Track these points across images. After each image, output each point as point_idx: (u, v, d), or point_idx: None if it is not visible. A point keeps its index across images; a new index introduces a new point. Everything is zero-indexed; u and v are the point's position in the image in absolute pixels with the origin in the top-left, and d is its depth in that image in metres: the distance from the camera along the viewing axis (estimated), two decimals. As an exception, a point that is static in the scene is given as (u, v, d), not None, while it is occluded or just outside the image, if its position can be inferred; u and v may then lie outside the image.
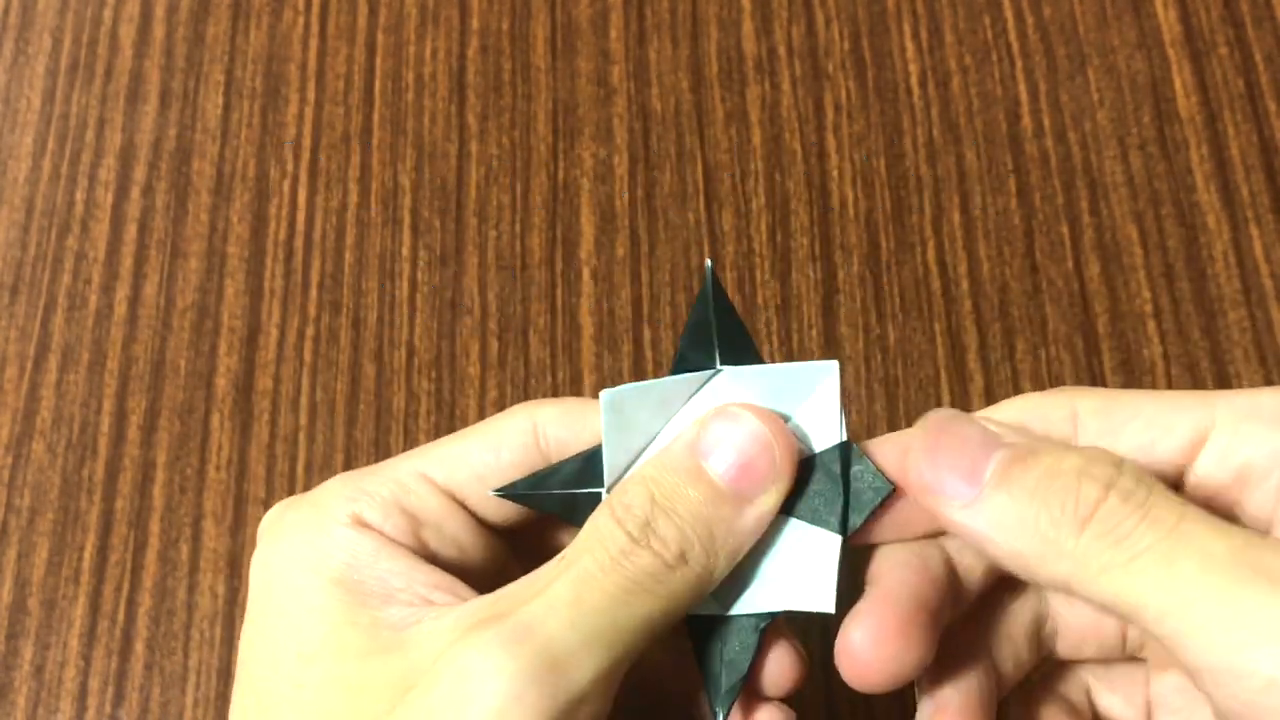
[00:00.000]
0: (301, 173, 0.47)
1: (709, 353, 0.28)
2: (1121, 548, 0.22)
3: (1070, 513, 0.23)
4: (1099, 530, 0.22)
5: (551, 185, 0.46)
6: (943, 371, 0.43)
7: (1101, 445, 0.25)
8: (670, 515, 0.25)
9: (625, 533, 0.25)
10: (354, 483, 0.28)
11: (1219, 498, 0.25)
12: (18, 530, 0.42)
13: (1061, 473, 0.23)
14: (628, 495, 0.25)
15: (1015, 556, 0.24)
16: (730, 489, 0.26)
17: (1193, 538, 0.22)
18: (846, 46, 0.48)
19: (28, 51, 0.50)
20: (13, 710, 0.40)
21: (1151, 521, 0.22)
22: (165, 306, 0.45)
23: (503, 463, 0.28)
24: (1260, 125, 0.46)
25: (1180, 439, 0.25)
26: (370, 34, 0.50)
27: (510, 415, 0.28)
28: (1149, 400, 0.26)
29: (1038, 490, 0.23)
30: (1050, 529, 0.23)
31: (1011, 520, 0.23)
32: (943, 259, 0.44)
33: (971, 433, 0.25)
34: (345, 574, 0.26)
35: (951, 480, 0.24)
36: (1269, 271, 0.43)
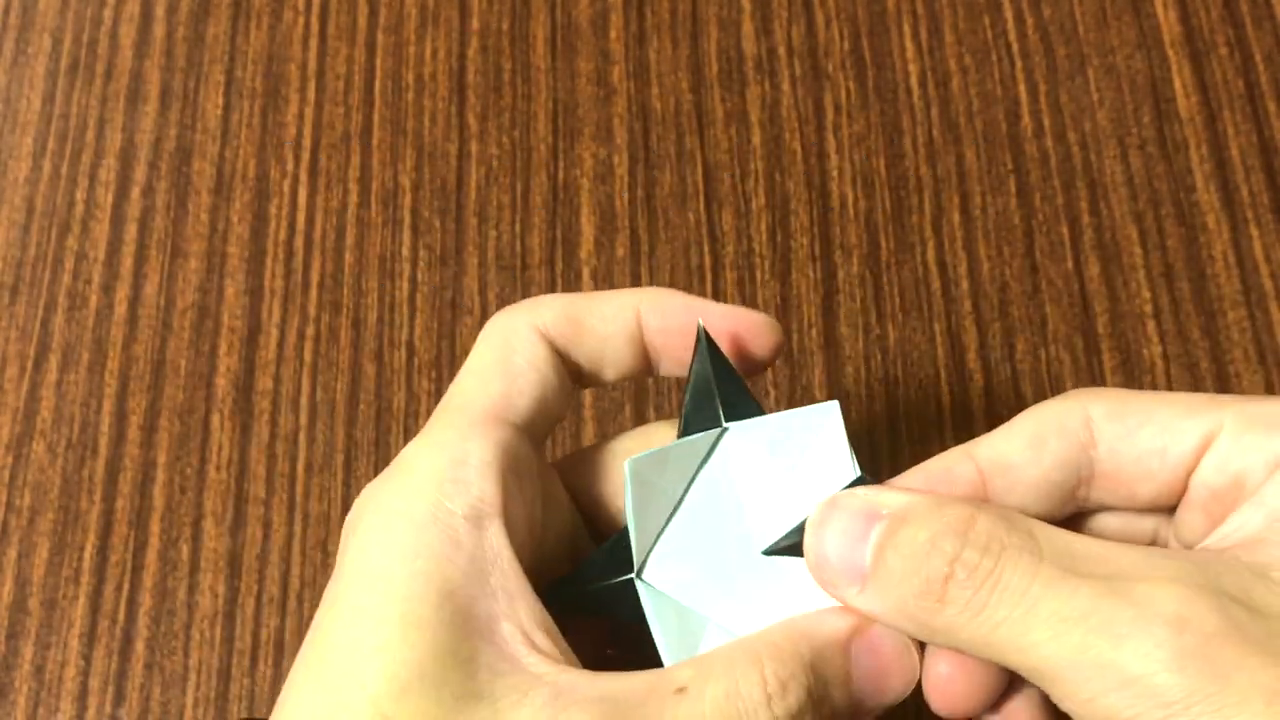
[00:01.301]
0: (301, 173, 0.47)
1: (713, 412, 0.28)
2: (979, 621, 0.23)
3: (927, 593, 0.24)
4: (954, 607, 0.24)
5: (551, 185, 0.46)
6: (943, 371, 0.43)
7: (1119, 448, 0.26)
8: (816, 712, 0.25)
9: (771, 715, 0.24)
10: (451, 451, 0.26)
11: (1216, 502, 0.26)
12: (18, 530, 0.42)
13: (916, 549, 0.24)
14: (785, 671, 0.25)
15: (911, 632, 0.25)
16: (859, 700, 0.26)
17: (1042, 606, 0.23)
18: (846, 46, 0.48)
19: (28, 51, 0.50)
20: (13, 710, 0.40)
21: (1004, 591, 0.23)
22: (165, 306, 0.45)
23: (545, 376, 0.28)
24: (1260, 125, 0.46)
25: (1189, 442, 0.26)
26: (370, 34, 0.50)
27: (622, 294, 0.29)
28: (1161, 404, 0.27)
29: (904, 571, 0.24)
30: (918, 609, 0.24)
31: (891, 604, 0.24)
32: (943, 259, 0.44)
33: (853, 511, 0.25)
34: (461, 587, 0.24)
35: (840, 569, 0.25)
36: (1269, 271, 0.44)
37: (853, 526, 0.25)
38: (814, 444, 0.28)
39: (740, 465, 0.28)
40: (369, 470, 0.42)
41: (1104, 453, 0.27)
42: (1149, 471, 0.26)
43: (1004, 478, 0.27)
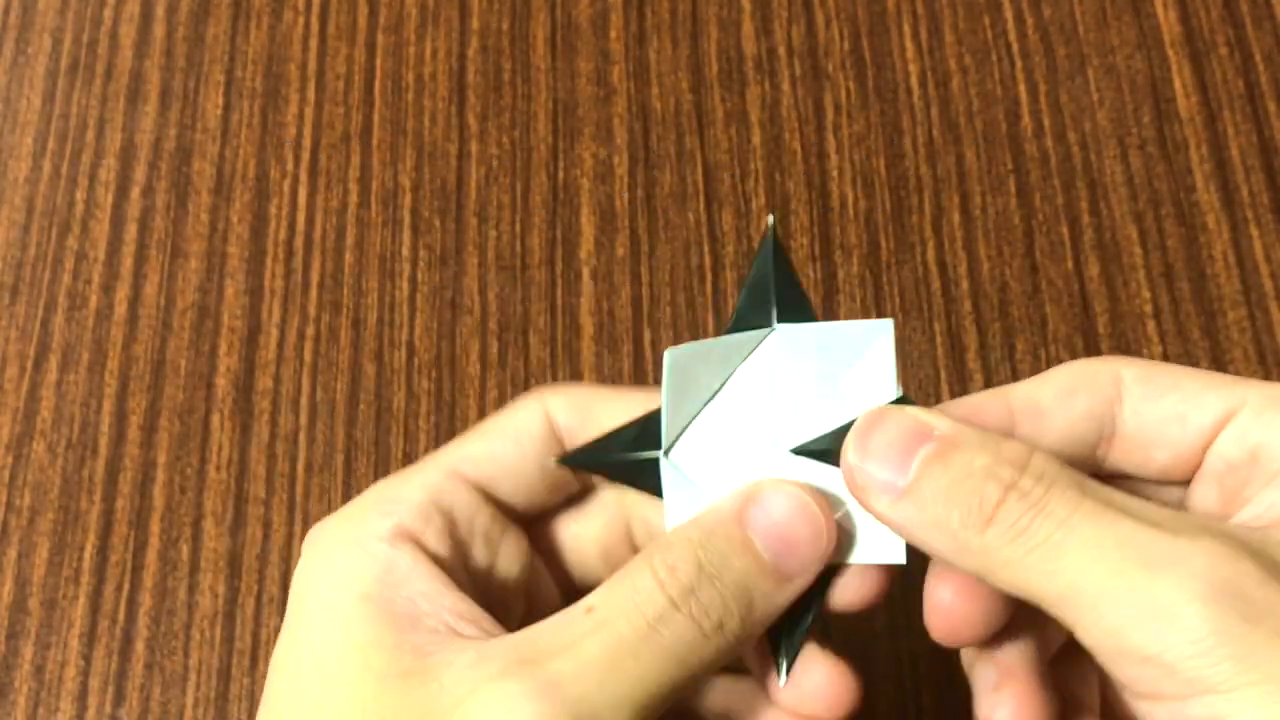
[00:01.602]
0: (301, 173, 0.47)
1: (766, 310, 0.28)
2: (1018, 543, 0.24)
3: (975, 512, 0.24)
4: (1000, 529, 0.24)
5: (551, 185, 0.46)
6: (943, 371, 0.43)
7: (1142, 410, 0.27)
8: (714, 583, 0.25)
9: (667, 597, 0.25)
10: (389, 490, 0.28)
11: (1232, 475, 0.26)
12: (18, 530, 0.42)
13: (972, 473, 0.24)
14: (672, 556, 0.26)
15: (936, 552, 0.25)
16: (773, 564, 0.26)
17: (1082, 530, 0.23)
18: (846, 46, 0.48)
19: (28, 51, 0.50)
20: (13, 710, 0.40)
21: (1046, 517, 0.24)
22: (165, 306, 0.45)
23: (526, 452, 0.29)
24: (1260, 125, 0.46)
25: (1210, 415, 0.27)
26: (370, 34, 0.50)
27: (524, 407, 0.29)
28: (1189, 376, 0.27)
29: (950, 490, 0.24)
30: (960, 528, 0.24)
31: (929, 518, 0.25)
32: (943, 259, 0.44)
33: (900, 427, 0.26)
34: (376, 590, 0.26)
35: (880, 476, 0.25)
36: (1269, 271, 0.44)
37: (900, 439, 0.25)
38: (861, 357, 0.28)
39: (783, 366, 0.28)
40: (369, 470, 0.42)
41: (1128, 413, 0.27)
42: (1167, 438, 0.27)
43: (1032, 422, 0.27)
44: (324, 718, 0.25)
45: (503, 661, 0.24)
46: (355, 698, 0.25)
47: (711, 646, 0.25)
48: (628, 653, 0.24)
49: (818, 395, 0.28)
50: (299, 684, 0.26)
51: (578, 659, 0.24)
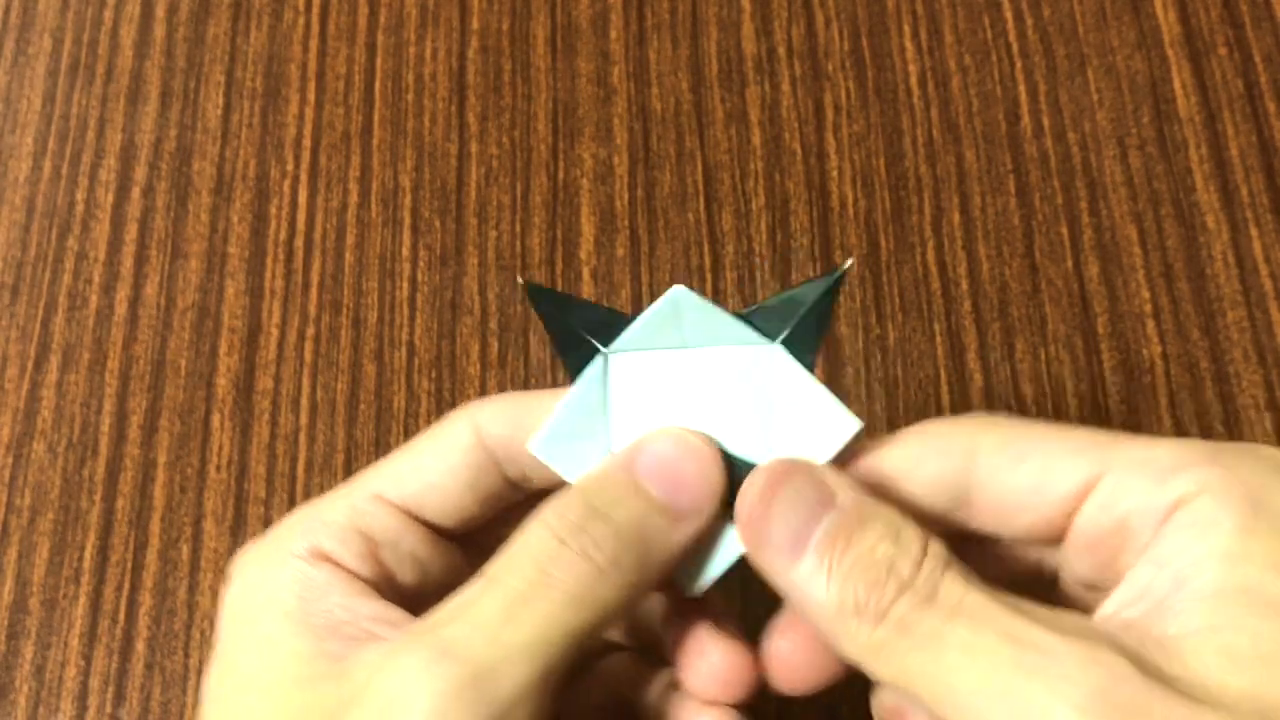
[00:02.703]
0: (302, 173, 0.47)
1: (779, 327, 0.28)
2: (903, 639, 0.23)
3: (872, 605, 0.24)
4: (888, 625, 0.24)
5: (551, 185, 0.47)
6: (943, 371, 0.43)
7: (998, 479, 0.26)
8: (605, 520, 0.25)
9: (556, 538, 0.25)
10: (312, 514, 0.28)
11: (1102, 545, 0.26)
12: (18, 530, 0.42)
13: (874, 563, 0.24)
14: (561, 503, 0.26)
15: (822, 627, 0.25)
16: (665, 501, 0.26)
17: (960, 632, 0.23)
18: (846, 46, 0.48)
19: (28, 51, 0.50)
20: (13, 710, 0.40)
21: (930, 614, 0.23)
22: (166, 306, 0.45)
23: (454, 467, 0.29)
24: (1260, 125, 0.46)
25: (1071, 483, 0.26)
26: (370, 34, 0.50)
27: (451, 421, 0.29)
28: (1048, 439, 0.26)
29: (850, 575, 0.24)
30: (853, 615, 0.24)
31: (823, 596, 0.24)
32: (942, 259, 0.44)
33: (806, 488, 0.26)
34: (296, 607, 0.27)
35: (780, 537, 0.25)
36: (1269, 271, 0.44)
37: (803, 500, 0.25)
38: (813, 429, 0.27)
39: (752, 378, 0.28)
40: (369, 470, 0.42)
41: (983, 479, 0.27)
42: (1026, 505, 0.26)
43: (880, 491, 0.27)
44: None
45: (403, 640, 0.25)
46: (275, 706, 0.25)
47: (609, 585, 0.25)
48: (519, 603, 0.24)
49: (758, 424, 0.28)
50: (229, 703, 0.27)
51: (470, 620, 0.24)
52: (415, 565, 0.29)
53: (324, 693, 0.25)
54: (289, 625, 0.26)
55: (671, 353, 0.28)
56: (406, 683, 0.24)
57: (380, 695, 0.24)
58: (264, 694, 0.26)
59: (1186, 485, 0.24)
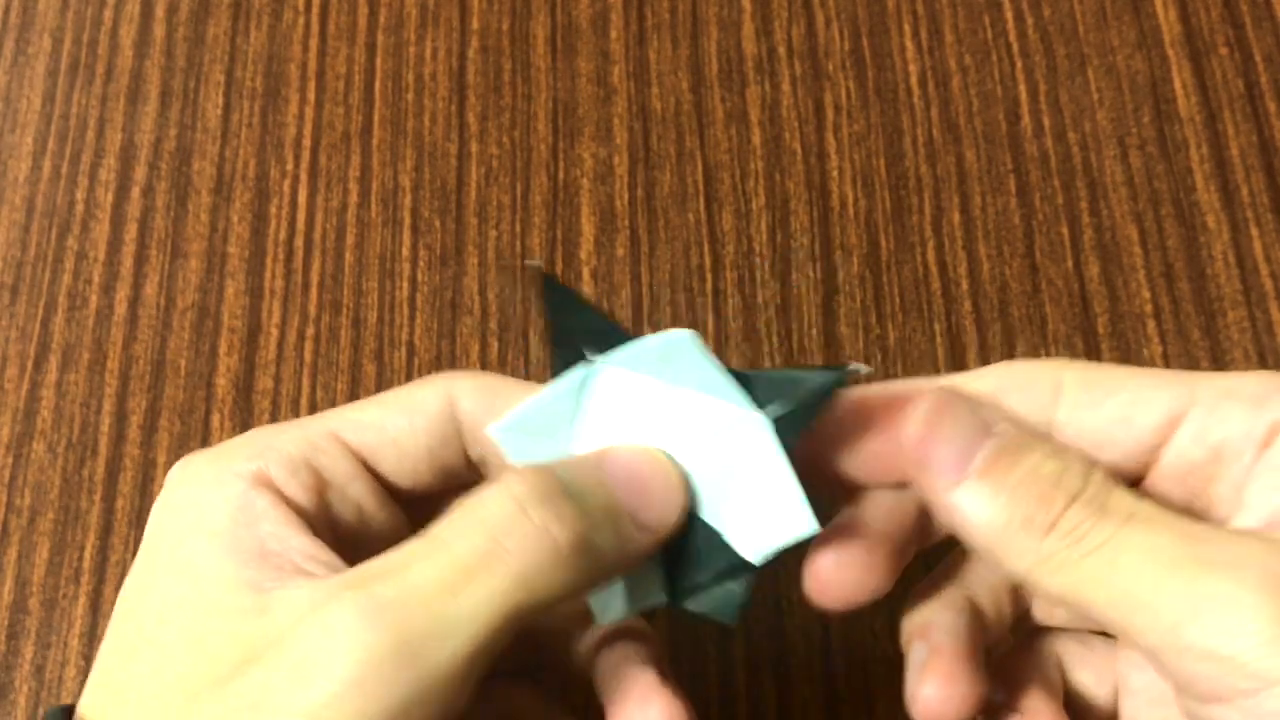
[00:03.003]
0: (302, 173, 0.47)
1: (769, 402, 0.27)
2: (1073, 549, 0.24)
3: (1040, 517, 0.24)
4: (1060, 533, 0.24)
5: (551, 185, 0.46)
6: (943, 371, 0.43)
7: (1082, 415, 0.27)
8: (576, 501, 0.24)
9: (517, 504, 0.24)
10: (265, 438, 0.27)
11: (1194, 474, 0.26)
12: (18, 530, 0.42)
13: (1040, 478, 0.24)
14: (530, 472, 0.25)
15: (987, 545, 0.25)
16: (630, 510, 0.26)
17: (1136, 535, 0.23)
18: (846, 46, 0.48)
19: (28, 51, 0.50)
20: (13, 710, 0.40)
21: (1104, 522, 0.24)
22: (165, 306, 0.45)
23: (417, 428, 0.28)
24: (1260, 125, 0.46)
25: (1158, 415, 0.26)
26: (370, 34, 0.50)
27: (427, 384, 0.28)
28: (1131, 376, 0.27)
29: (1016, 491, 0.24)
30: (1021, 529, 0.24)
31: (989, 513, 0.24)
32: (943, 259, 0.44)
33: (969, 417, 0.25)
34: (226, 527, 0.25)
35: (943, 460, 0.25)
36: (1269, 271, 0.44)
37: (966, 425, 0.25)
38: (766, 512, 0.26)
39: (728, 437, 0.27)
40: (369, 470, 0.42)
41: (1063, 418, 0.27)
42: (1113, 439, 0.27)
43: None
44: (154, 655, 0.25)
45: (333, 588, 0.23)
46: (190, 630, 0.24)
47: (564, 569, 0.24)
48: (463, 573, 0.23)
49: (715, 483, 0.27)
50: (140, 621, 0.25)
51: (407, 582, 0.23)
52: (357, 514, 0.28)
53: (242, 625, 0.24)
54: (215, 545, 0.25)
55: (659, 384, 0.27)
56: (331, 638, 0.23)
57: (301, 645, 0.23)
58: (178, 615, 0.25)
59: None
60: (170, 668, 0.24)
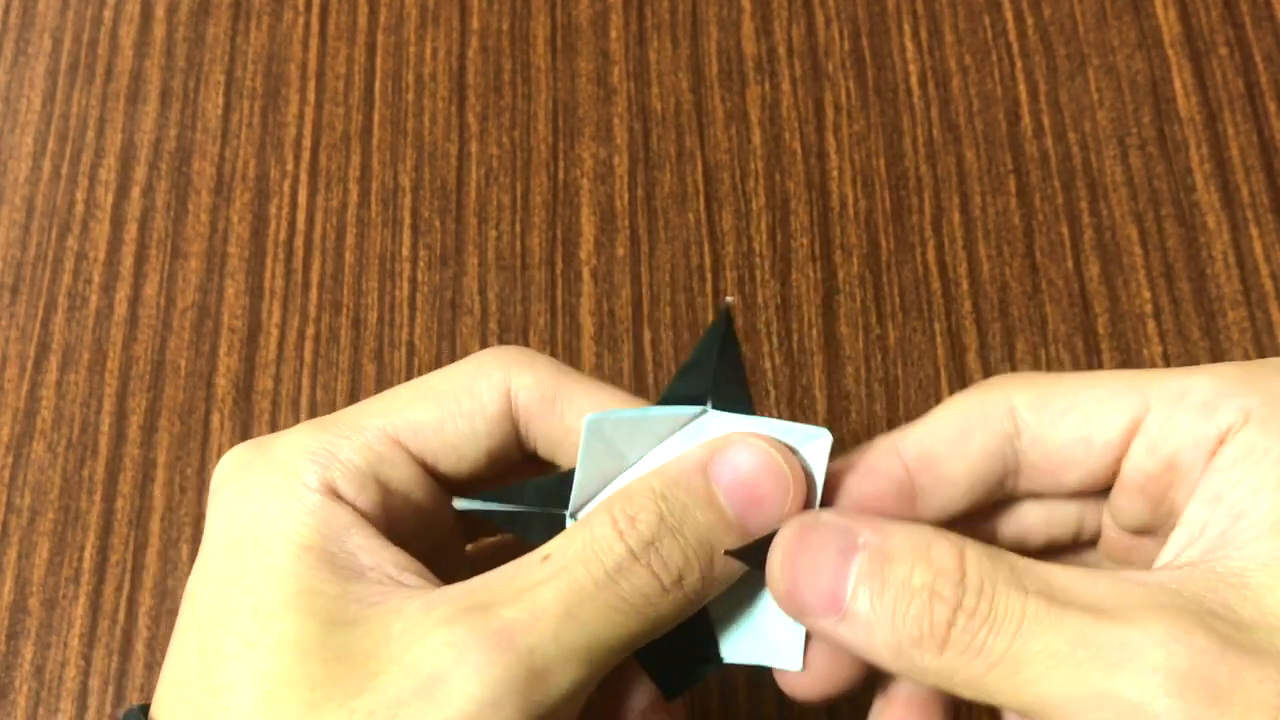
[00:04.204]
0: (301, 173, 0.47)
1: (701, 391, 0.27)
2: (976, 663, 0.23)
3: (928, 635, 0.23)
4: (955, 650, 0.23)
5: (551, 185, 0.46)
6: (943, 371, 0.43)
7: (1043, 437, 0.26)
8: (676, 536, 0.25)
9: (626, 547, 0.24)
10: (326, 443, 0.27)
11: (1152, 484, 0.26)
12: (18, 530, 0.42)
13: (913, 592, 0.24)
14: (634, 506, 0.25)
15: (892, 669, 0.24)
16: (737, 519, 0.25)
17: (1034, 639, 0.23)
18: (846, 46, 0.48)
19: (28, 51, 0.50)
20: (13, 710, 0.40)
21: (996, 631, 0.23)
22: (165, 306, 0.45)
23: (478, 432, 0.28)
24: (1260, 125, 0.46)
25: (1115, 429, 0.26)
26: (370, 34, 0.50)
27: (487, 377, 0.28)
28: (1085, 389, 0.26)
29: (895, 612, 0.24)
30: (914, 650, 0.24)
31: (879, 640, 0.24)
32: (943, 259, 0.44)
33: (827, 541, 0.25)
34: (317, 542, 0.25)
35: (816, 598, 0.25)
36: (1269, 271, 0.44)
37: (827, 554, 0.25)
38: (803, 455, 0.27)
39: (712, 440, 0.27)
40: (369, 470, 0.42)
41: (1028, 443, 0.26)
42: (1075, 459, 0.26)
43: (930, 473, 0.27)
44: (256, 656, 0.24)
45: (453, 607, 0.24)
46: (296, 638, 0.24)
47: (669, 600, 0.24)
48: (584, 601, 0.24)
49: None
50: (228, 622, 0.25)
51: (532, 606, 0.23)
52: (417, 515, 0.28)
53: (353, 638, 0.24)
54: (311, 559, 0.25)
55: (625, 476, 0.27)
56: (461, 660, 0.23)
57: (429, 663, 0.23)
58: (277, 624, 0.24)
59: (1230, 416, 0.24)
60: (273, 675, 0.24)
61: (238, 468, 0.27)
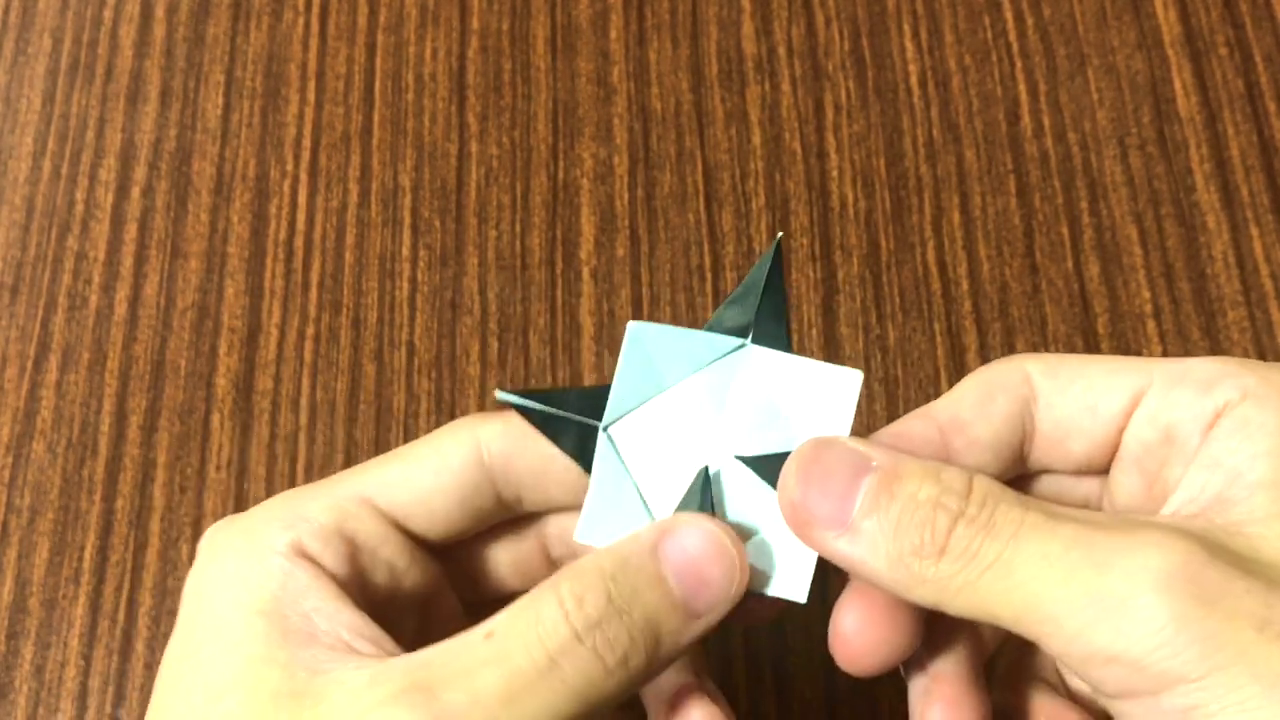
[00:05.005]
0: (301, 173, 0.47)
1: (745, 324, 0.28)
2: (970, 568, 0.24)
3: (928, 544, 0.24)
4: (953, 555, 0.24)
5: (551, 185, 0.46)
6: (943, 371, 0.43)
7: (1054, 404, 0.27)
8: (622, 617, 0.25)
9: (571, 629, 0.24)
10: (294, 506, 0.27)
11: (1149, 457, 0.27)
12: (18, 530, 0.42)
13: (919, 504, 0.24)
14: (581, 585, 0.25)
15: (888, 582, 0.25)
16: (683, 600, 0.26)
17: (1029, 543, 0.23)
18: (846, 46, 0.48)
19: (28, 51, 0.50)
20: (13, 710, 0.40)
21: (993, 537, 0.24)
22: (165, 306, 0.45)
23: (445, 484, 0.28)
24: (1260, 125, 0.46)
25: (1120, 400, 0.27)
26: (370, 34, 0.50)
27: (453, 434, 0.28)
28: (1093, 364, 0.27)
29: (899, 523, 0.24)
30: (913, 559, 0.24)
31: (880, 551, 0.25)
32: (943, 259, 0.44)
33: (841, 460, 0.26)
34: (272, 607, 0.26)
35: (823, 514, 0.25)
36: (1269, 271, 0.44)
37: (841, 472, 0.25)
38: (822, 399, 0.28)
39: (743, 383, 0.28)
40: (369, 470, 0.42)
41: (1042, 409, 0.27)
42: (1081, 428, 0.27)
43: (961, 436, 0.27)
44: None
45: (395, 686, 0.24)
46: (243, 713, 0.24)
47: (613, 682, 0.24)
48: (525, 686, 0.24)
49: (769, 421, 0.28)
50: (186, 695, 0.26)
51: (472, 690, 0.23)
52: (389, 573, 0.28)
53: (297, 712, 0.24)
54: (263, 625, 0.25)
55: (661, 398, 0.28)
56: None
57: None
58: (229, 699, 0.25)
59: (1229, 392, 0.25)
60: None
61: (211, 537, 0.28)
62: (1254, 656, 0.21)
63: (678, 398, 0.28)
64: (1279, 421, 0.24)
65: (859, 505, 0.25)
